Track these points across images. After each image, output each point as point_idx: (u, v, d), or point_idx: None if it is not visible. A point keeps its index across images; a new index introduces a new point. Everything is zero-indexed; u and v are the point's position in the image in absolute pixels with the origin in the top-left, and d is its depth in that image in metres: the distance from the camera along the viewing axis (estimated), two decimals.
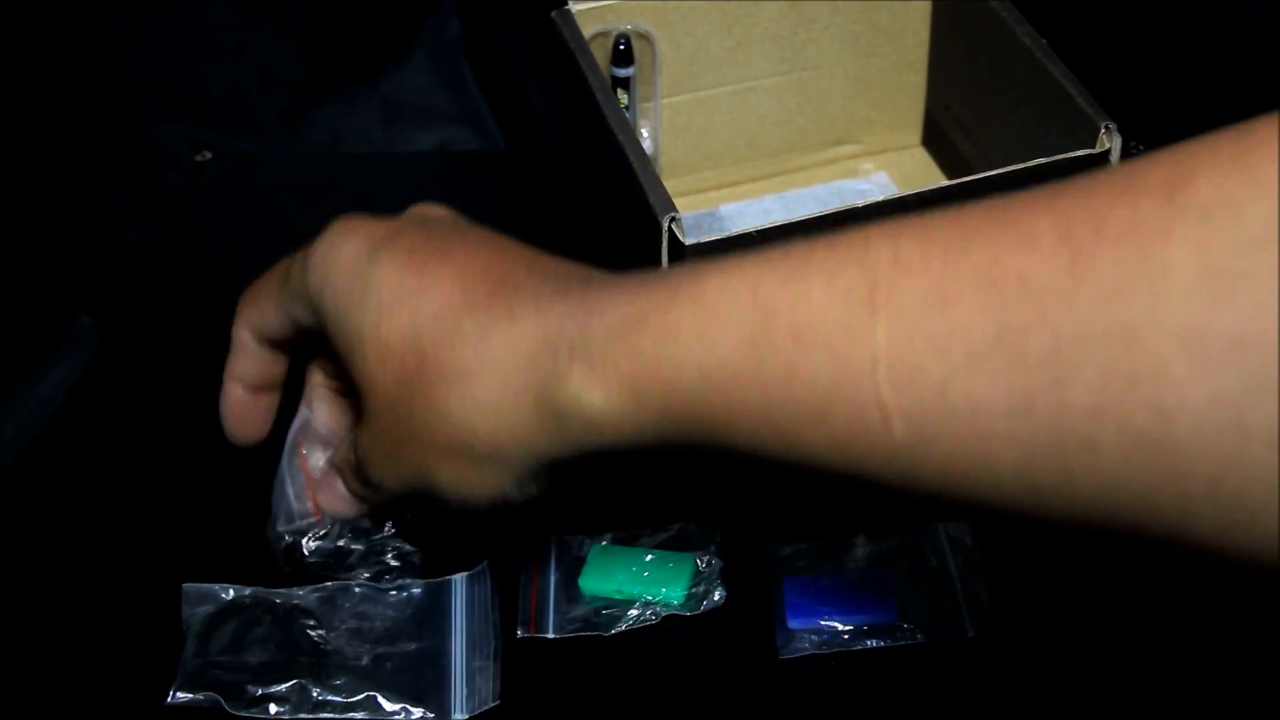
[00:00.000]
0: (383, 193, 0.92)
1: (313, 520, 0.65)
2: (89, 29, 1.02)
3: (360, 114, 1.05)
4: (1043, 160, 0.65)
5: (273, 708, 0.60)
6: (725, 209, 0.82)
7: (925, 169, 0.87)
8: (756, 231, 0.62)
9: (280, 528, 0.65)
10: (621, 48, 0.79)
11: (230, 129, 1.05)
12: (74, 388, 0.82)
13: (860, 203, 0.62)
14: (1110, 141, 0.66)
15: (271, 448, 0.69)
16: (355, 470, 0.53)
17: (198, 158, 0.94)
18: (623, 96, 0.80)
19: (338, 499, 0.57)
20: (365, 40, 1.04)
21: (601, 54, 0.79)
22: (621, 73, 0.79)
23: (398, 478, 0.50)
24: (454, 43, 1.04)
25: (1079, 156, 0.65)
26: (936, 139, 0.87)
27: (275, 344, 0.56)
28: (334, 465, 0.57)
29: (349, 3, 1.02)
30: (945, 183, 0.64)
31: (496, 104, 1.05)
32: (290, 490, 0.66)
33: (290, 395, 0.70)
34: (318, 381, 0.58)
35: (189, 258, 0.87)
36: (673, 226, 0.62)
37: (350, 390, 0.54)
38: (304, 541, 0.65)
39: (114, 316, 0.85)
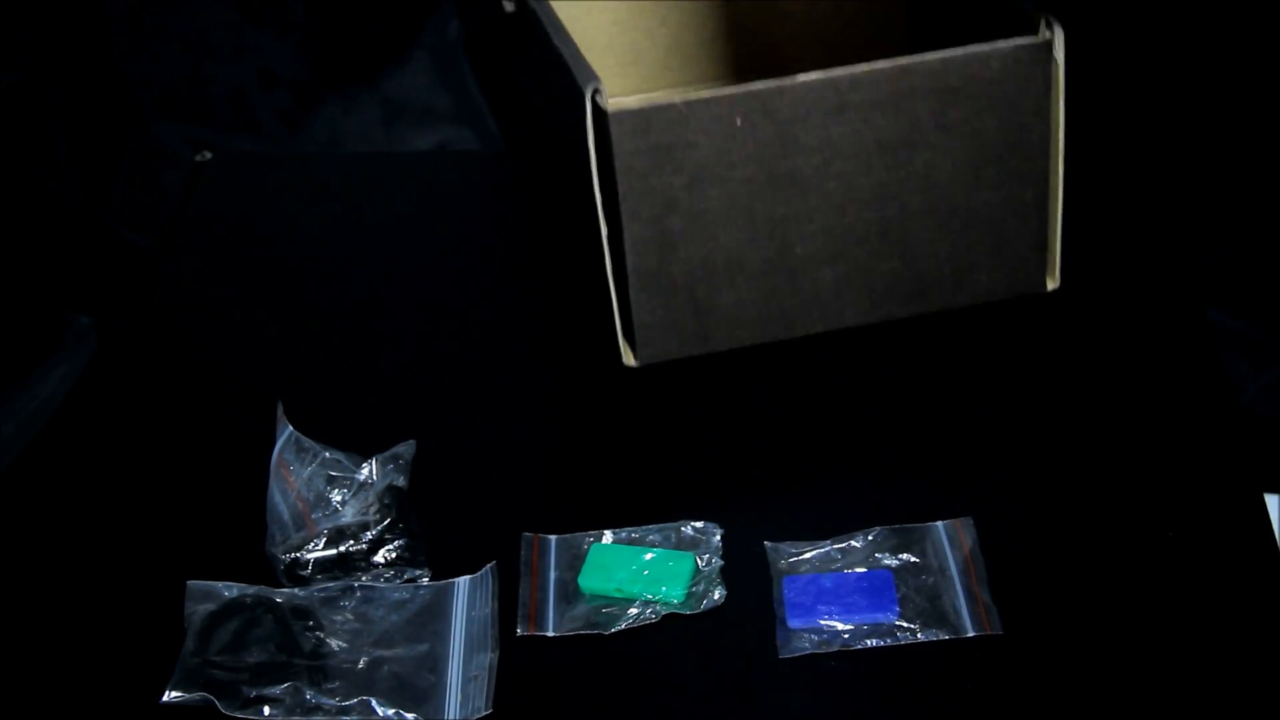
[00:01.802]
0: (383, 193, 0.92)
1: (307, 534, 0.65)
2: (89, 29, 1.02)
3: (360, 114, 1.05)
4: (982, 47, 0.64)
5: (266, 709, 0.60)
6: None
7: None
8: (681, 102, 0.62)
9: (278, 543, 0.65)
10: None
11: (230, 129, 1.06)
12: (74, 388, 0.82)
13: (789, 81, 0.62)
14: (1051, 33, 0.65)
15: (267, 458, 0.69)
16: None
17: (198, 158, 0.94)
18: None
19: None
20: (365, 40, 1.04)
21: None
22: None
23: None
24: (454, 43, 1.04)
25: (1021, 45, 0.65)
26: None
27: None
28: None
29: (349, 3, 1.02)
30: (879, 64, 0.63)
31: (496, 104, 1.05)
32: (282, 506, 0.67)
33: (271, 415, 0.70)
34: None
35: (189, 258, 0.87)
36: (595, 97, 0.61)
37: None
38: (303, 556, 0.65)
39: (114, 316, 0.85)
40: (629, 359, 0.69)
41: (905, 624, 0.62)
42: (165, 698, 0.60)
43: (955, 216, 0.68)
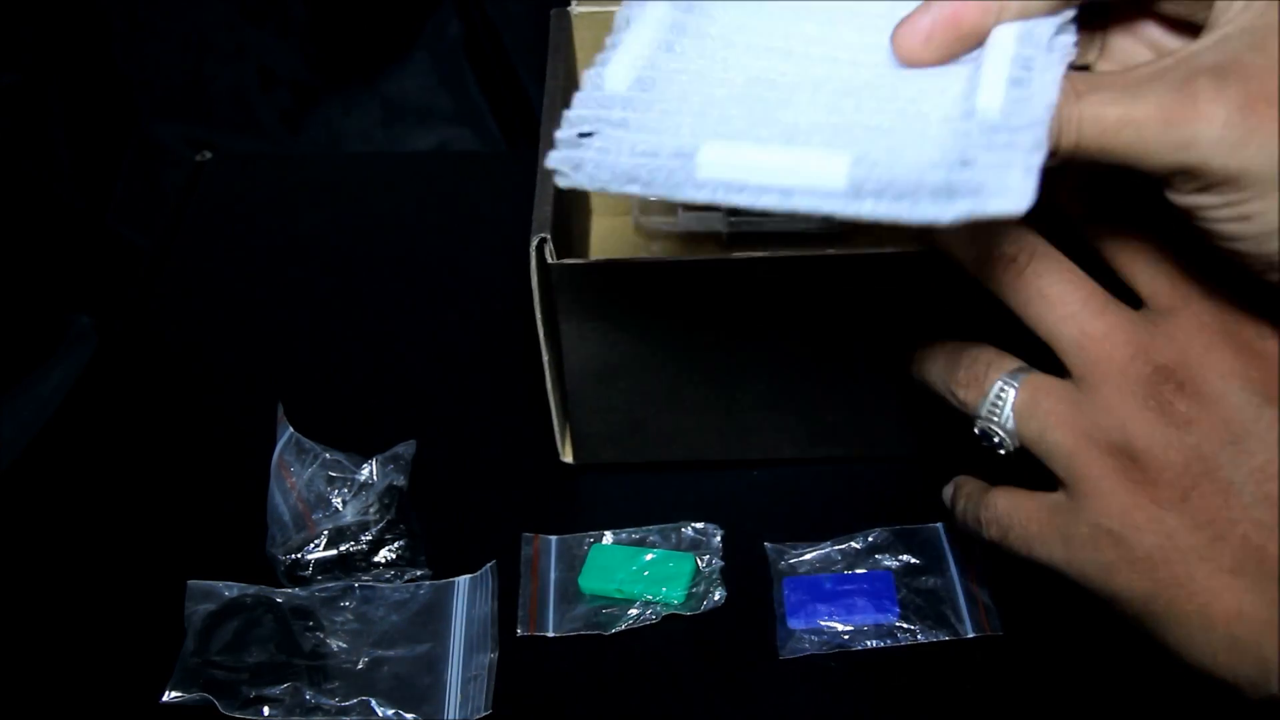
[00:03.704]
0: (383, 193, 0.92)
1: (308, 534, 0.66)
2: (89, 29, 1.02)
3: (360, 114, 1.05)
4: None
5: (266, 710, 0.60)
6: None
7: None
8: (624, 262, 0.62)
9: (279, 544, 0.65)
10: None
11: (230, 129, 1.06)
12: (74, 388, 0.82)
13: (731, 257, 0.62)
14: None
15: (268, 458, 0.69)
16: None
17: (198, 158, 0.94)
18: None
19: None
20: (365, 40, 1.04)
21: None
22: None
23: None
24: (454, 43, 1.04)
25: None
26: None
27: None
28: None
29: (349, 3, 1.02)
30: (829, 250, 0.61)
31: (496, 104, 1.05)
32: (283, 507, 0.67)
33: (271, 415, 0.70)
34: None
35: (189, 258, 0.87)
36: (543, 247, 0.62)
37: None
38: (303, 557, 0.65)
39: (114, 316, 0.85)
40: (566, 455, 0.70)
41: (905, 625, 0.62)
42: (165, 698, 0.61)
43: (910, 389, 0.65)
